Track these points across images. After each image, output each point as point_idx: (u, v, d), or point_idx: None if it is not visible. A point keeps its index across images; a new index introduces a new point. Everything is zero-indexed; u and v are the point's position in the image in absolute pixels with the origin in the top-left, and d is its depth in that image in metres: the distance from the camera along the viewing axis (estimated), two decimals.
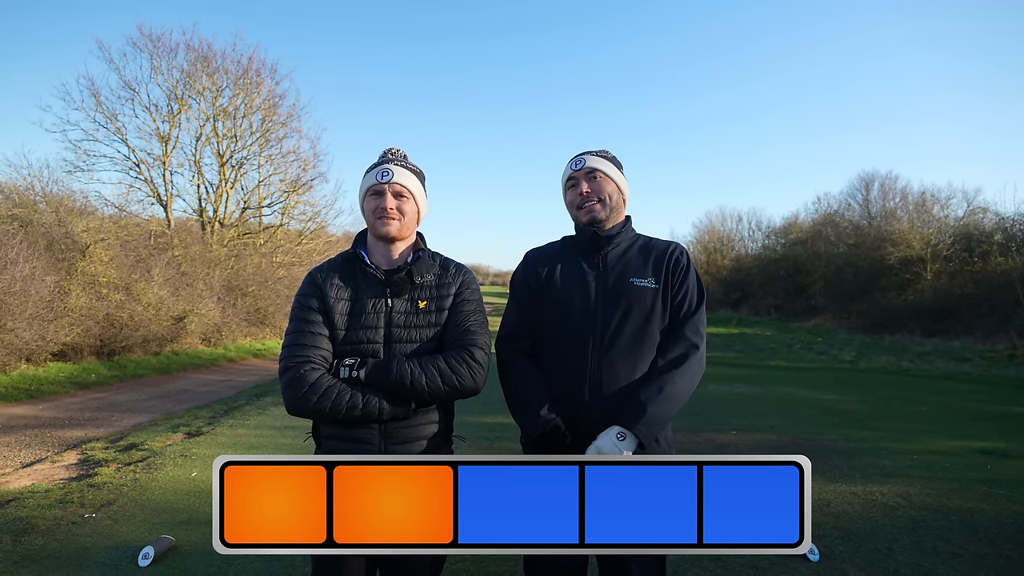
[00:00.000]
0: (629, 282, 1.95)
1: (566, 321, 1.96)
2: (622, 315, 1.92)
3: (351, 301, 1.83)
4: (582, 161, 2.06)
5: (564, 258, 2.06)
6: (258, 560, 3.31)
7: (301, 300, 1.85)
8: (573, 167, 2.07)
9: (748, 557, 3.38)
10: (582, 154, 2.09)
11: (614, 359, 1.90)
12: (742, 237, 43.80)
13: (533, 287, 2.05)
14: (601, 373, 1.89)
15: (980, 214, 27.27)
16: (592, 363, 1.90)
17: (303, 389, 1.70)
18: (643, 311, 1.92)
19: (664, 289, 1.96)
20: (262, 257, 20.27)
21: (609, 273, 1.98)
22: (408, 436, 1.80)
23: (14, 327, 9.42)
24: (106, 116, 18.56)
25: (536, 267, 2.08)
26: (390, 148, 1.96)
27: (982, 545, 3.65)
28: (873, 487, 4.78)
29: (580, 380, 1.91)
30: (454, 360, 1.77)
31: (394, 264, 1.89)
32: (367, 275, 1.87)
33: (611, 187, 2.05)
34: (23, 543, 3.48)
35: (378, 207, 1.84)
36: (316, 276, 1.88)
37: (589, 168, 2.04)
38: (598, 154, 2.10)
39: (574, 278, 2.00)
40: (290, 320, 1.85)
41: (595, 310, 1.94)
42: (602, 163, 2.06)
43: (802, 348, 20.18)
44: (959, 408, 8.99)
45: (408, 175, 1.89)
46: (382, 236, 1.85)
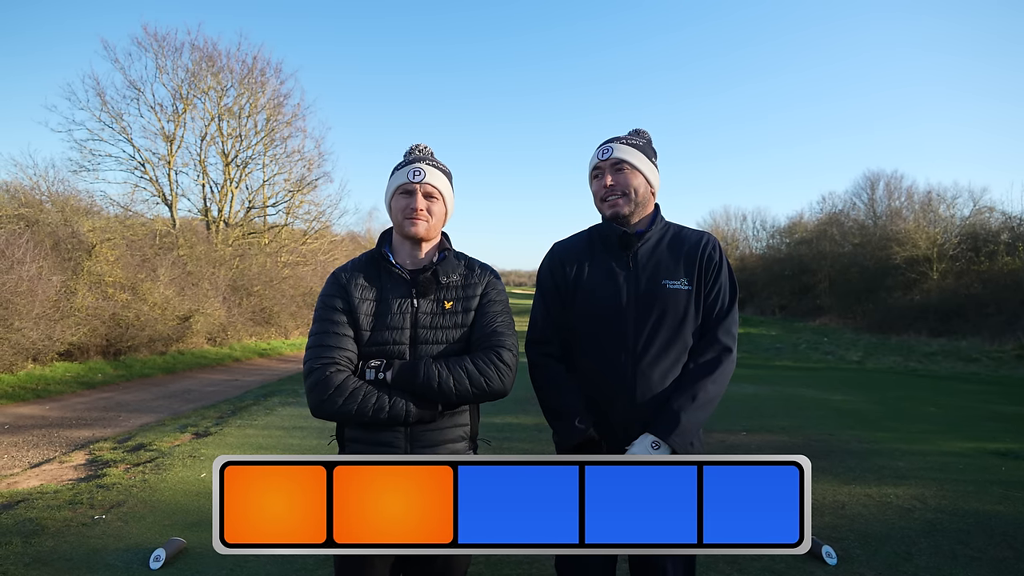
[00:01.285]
0: (661, 284, 1.88)
1: (598, 326, 1.91)
2: (655, 321, 1.87)
3: (376, 301, 1.80)
4: (609, 150, 1.93)
5: (592, 254, 1.98)
6: (270, 561, 3.28)
7: (325, 300, 1.81)
8: (600, 156, 1.95)
9: (767, 561, 3.34)
10: (610, 141, 1.97)
11: (648, 367, 1.86)
12: (747, 237, 43.70)
13: (560, 284, 1.99)
14: (636, 381, 1.86)
15: (987, 213, 27.09)
16: (627, 371, 1.86)
17: (329, 391, 1.67)
18: (676, 316, 1.87)
19: (697, 290, 1.90)
20: (267, 257, 20.25)
21: (640, 273, 1.91)
22: (434, 439, 1.77)
23: (21, 327, 9.42)
24: (111, 116, 18.60)
25: (563, 263, 2.00)
26: (416, 145, 1.92)
27: (1001, 549, 3.61)
28: (888, 489, 4.73)
29: (615, 388, 1.87)
30: (482, 362, 1.74)
31: (420, 264, 1.85)
32: (392, 275, 1.83)
33: (638, 180, 1.93)
34: (34, 544, 3.46)
35: (408, 207, 1.80)
36: (340, 276, 1.84)
37: (616, 159, 1.92)
38: (628, 141, 1.96)
39: (603, 278, 1.92)
40: (314, 320, 1.81)
41: (627, 314, 1.88)
42: (630, 153, 1.93)
43: (808, 348, 20.06)
44: (969, 409, 8.92)
45: (439, 175, 1.85)
46: (410, 236, 1.81)
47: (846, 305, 28.70)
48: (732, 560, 3.36)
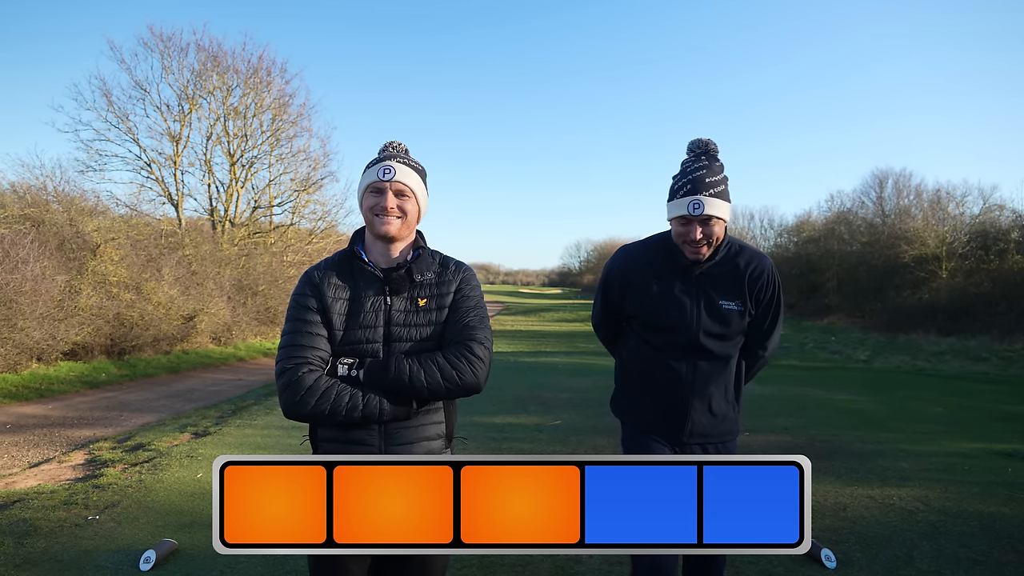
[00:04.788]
0: (718, 304, 2.10)
1: (665, 340, 2.14)
2: (717, 337, 2.11)
3: (349, 300, 1.78)
4: (699, 206, 1.98)
5: (660, 268, 2.15)
6: (260, 564, 3.26)
7: (298, 299, 1.79)
8: (691, 210, 1.99)
9: (764, 564, 3.29)
10: (699, 194, 1.99)
11: (706, 381, 2.15)
12: (754, 235, 43.42)
13: (626, 293, 2.21)
14: (693, 398, 2.15)
15: (997, 211, 26.79)
16: (687, 387, 2.14)
17: (301, 392, 1.65)
18: (731, 331, 2.13)
19: (746, 311, 2.14)
20: (272, 256, 20.31)
21: (706, 292, 2.12)
22: (409, 437, 1.74)
23: (25, 326, 9.46)
24: (117, 116, 18.67)
25: (629, 273, 2.20)
26: (391, 142, 1.89)
27: (1005, 552, 3.54)
28: (891, 490, 4.66)
29: (677, 400, 2.16)
30: (454, 356, 1.71)
31: (393, 262, 1.83)
32: (365, 274, 1.81)
33: (721, 228, 2.06)
34: (25, 545, 3.46)
35: (378, 205, 1.78)
36: (313, 275, 1.82)
37: (706, 216, 2.00)
38: (715, 192, 2.00)
39: (672, 295, 2.13)
40: (287, 320, 1.79)
41: (695, 331, 2.10)
42: (719, 206, 2.01)
43: (815, 347, 19.89)
44: (977, 409, 8.79)
45: (410, 173, 1.82)
46: (381, 235, 1.79)
47: (854, 304, 28.49)
48: (729, 562, 3.31)
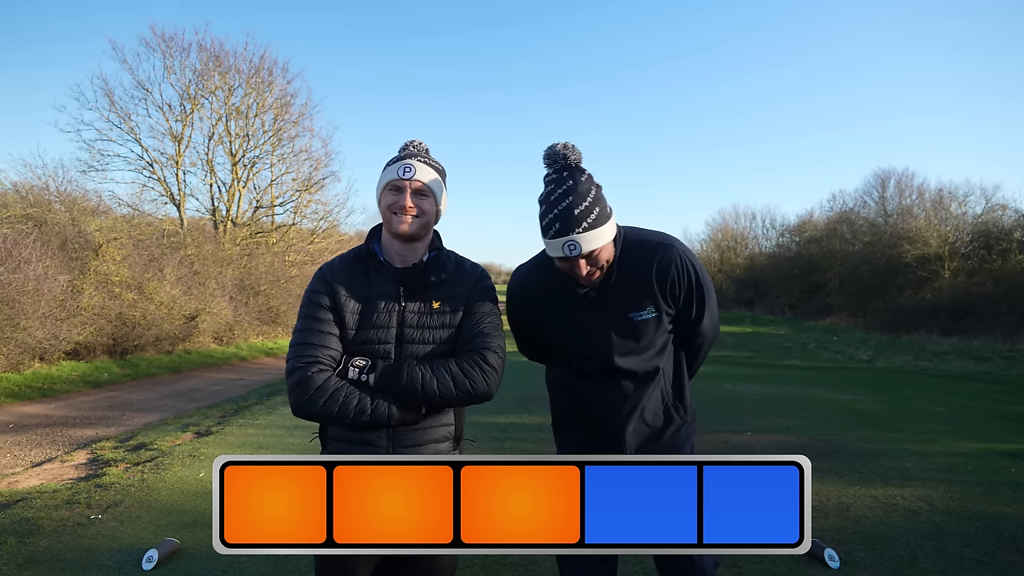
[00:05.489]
0: (630, 318, 1.88)
1: (583, 366, 1.97)
2: (635, 353, 1.92)
3: (363, 300, 1.75)
4: (576, 247, 1.72)
5: (559, 291, 1.90)
6: (263, 563, 3.26)
7: (311, 297, 1.77)
8: (568, 252, 1.73)
9: (767, 564, 3.28)
10: (570, 234, 1.71)
11: (637, 400, 1.95)
12: (756, 235, 43.46)
13: (535, 327, 2.03)
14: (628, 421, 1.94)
15: (999, 211, 26.77)
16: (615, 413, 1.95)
17: (310, 391, 1.64)
18: (650, 341, 1.92)
19: (662, 313, 1.92)
20: (274, 256, 20.36)
21: (614, 308, 1.88)
22: (417, 439, 1.73)
23: (27, 326, 9.48)
24: (119, 116, 18.81)
25: (529, 306, 2.00)
26: (411, 141, 1.86)
27: (1009, 552, 3.52)
28: (894, 490, 4.65)
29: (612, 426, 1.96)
30: (467, 364, 1.68)
31: (409, 263, 1.80)
32: (380, 273, 1.78)
33: (607, 251, 1.80)
34: (28, 544, 3.46)
35: (396, 203, 1.74)
36: (327, 272, 1.80)
37: (586, 253, 1.74)
38: (587, 223, 1.71)
39: (577, 322, 1.91)
40: (299, 317, 1.77)
41: (608, 356, 1.90)
42: (597, 237, 1.74)
43: (817, 347, 19.89)
44: (980, 409, 8.77)
45: (430, 172, 1.79)
46: (399, 234, 1.75)
47: (856, 304, 28.47)
48: (732, 563, 3.31)
